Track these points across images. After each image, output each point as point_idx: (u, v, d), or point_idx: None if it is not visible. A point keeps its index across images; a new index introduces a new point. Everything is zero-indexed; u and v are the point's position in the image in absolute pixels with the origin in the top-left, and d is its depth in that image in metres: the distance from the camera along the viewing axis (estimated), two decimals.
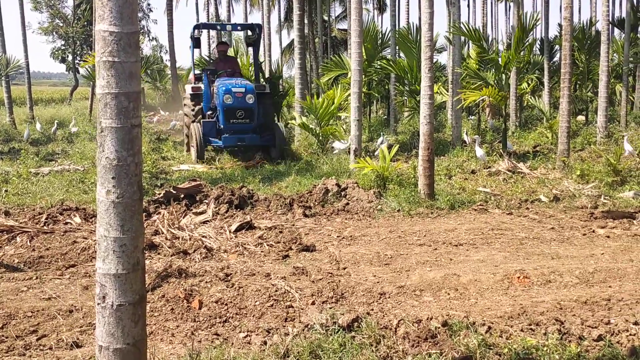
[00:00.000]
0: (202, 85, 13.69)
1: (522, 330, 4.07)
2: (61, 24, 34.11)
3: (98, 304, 2.79)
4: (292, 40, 22.91)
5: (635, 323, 4.14)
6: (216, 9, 33.70)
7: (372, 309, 4.57)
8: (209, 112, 13.42)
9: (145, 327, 2.93)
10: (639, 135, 14.01)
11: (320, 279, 5.29)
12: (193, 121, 13.31)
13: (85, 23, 32.03)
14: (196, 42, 14.22)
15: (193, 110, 13.58)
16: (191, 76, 14.95)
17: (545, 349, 3.69)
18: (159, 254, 6.14)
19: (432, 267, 5.63)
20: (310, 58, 25.06)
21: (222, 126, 12.70)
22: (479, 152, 11.32)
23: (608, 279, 5.25)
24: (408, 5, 21.34)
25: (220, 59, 14.61)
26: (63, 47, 35.78)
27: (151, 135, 16.23)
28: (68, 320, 4.48)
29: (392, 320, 4.19)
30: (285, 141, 13.52)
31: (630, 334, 3.95)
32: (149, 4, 48.34)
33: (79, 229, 6.99)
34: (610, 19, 17.38)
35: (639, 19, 17.78)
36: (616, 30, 22.79)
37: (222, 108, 12.52)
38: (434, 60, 10.61)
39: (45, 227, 7.03)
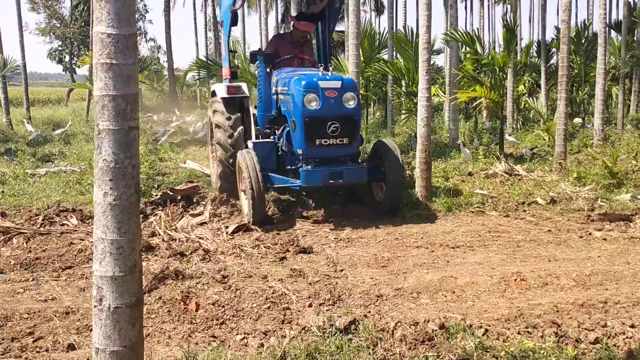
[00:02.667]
0: (242, 85, 8.87)
1: (519, 332, 4.07)
2: (58, 25, 34.07)
3: (95, 306, 2.78)
4: None
5: (632, 326, 4.15)
6: (213, 10, 33.69)
7: (369, 312, 4.57)
8: (266, 129, 8.48)
9: (142, 329, 2.92)
10: (635, 138, 14.03)
11: (317, 281, 5.29)
12: (232, 146, 8.17)
13: (83, 24, 32.02)
14: (233, 18, 8.77)
15: (230, 126, 8.30)
16: (224, 70, 9.35)
17: (542, 351, 3.69)
18: (155, 255, 6.13)
19: (429, 270, 5.63)
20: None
21: (299, 151, 7.27)
22: (465, 152, 11.55)
23: (605, 281, 5.26)
24: (405, 7, 21.38)
25: (287, 40, 9.09)
26: (60, 48, 35.76)
27: (149, 137, 16.16)
28: (64, 322, 4.47)
29: (389, 323, 4.18)
30: (403, 174, 7.89)
31: (627, 337, 3.95)
32: (145, 5, 48.29)
33: (76, 231, 6.98)
34: (607, 22, 17.41)
35: (636, 22, 17.82)
36: (613, 33, 22.86)
37: (300, 118, 7.10)
38: (432, 62, 10.63)
39: (41, 229, 7.01)
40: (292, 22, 9.15)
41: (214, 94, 9.27)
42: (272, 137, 8.30)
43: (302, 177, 7.18)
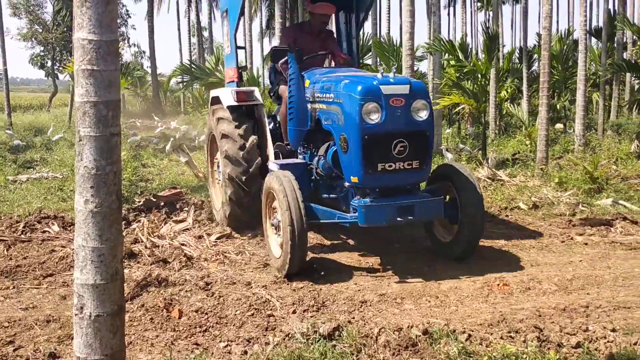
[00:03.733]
0: (255, 91, 7.18)
1: (501, 337, 4.09)
2: (40, 30, 33.82)
3: (75, 314, 2.75)
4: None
5: (613, 330, 4.18)
6: (197, 15, 33.67)
7: (354, 317, 4.56)
8: (300, 147, 6.66)
9: (124, 337, 2.89)
10: (615, 143, 14.20)
11: (301, 287, 5.28)
12: (245, 160, 6.75)
13: (65, 29, 31.80)
14: (242, 6, 7.13)
15: (241, 136, 6.85)
16: (230, 70, 7.63)
17: (524, 356, 3.71)
18: (138, 262, 6.09)
19: (413, 275, 5.65)
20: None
21: (353, 179, 5.52)
22: (448, 157, 11.66)
23: (586, 285, 5.31)
24: (389, 13, 21.49)
25: (305, 31, 7.37)
26: (42, 54, 35.48)
27: (131, 143, 16.06)
28: (45, 331, 4.42)
29: (373, 329, 4.19)
30: (483, 207, 6.01)
31: (608, 341, 3.99)
32: (127, 10, 48.07)
33: (57, 238, 6.92)
34: (588, 29, 17.64)
35: (616, 29, 18.05)
36: (593, 40, 23.16)
37: (356, 136, 5.39)
38: (415, 68, 10.70)
39: (22, 236, 6.94)
40: (307, 8, 7.51)
41: (215, 101, 7.56)
42: (300, 156, 6.66)
43: (361, 214, 5.35)
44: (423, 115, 5.50)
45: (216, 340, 4.24)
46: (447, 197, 5.99)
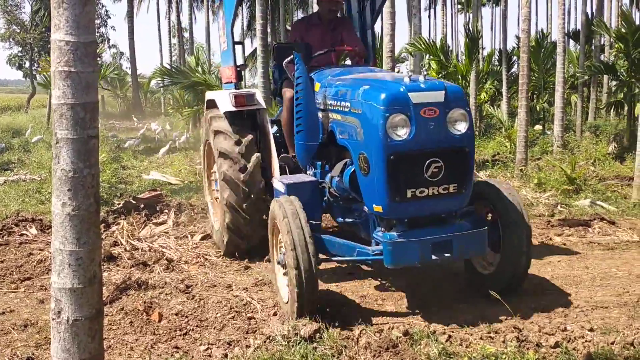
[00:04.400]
0: (256, 93, 6.26)
1: (481, 338, 4.12)
2: (18, 31, 33.40)
3: (53, 319, 2.72)
4: (255, 49, 22.92)
5: (591, 329, 4.23)
6: (178, 16, 33.47)
7: (335, 319, 4.56)
8: (315, 165, 5.63)
9: (103, 341, 2.87)
10: (593, 144, 14.37)
11: None
12: (246, 185, 5.89)
13: (44, 30, 31.44)
14: None
15: (242, 155, 5.96)
16: (227, 70, 6.63)
17: (504, 356, 3.74)
18: (117, 265, 6.03)
19: (394, 276, 5.66)
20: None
21: (377, 208, 4.49)
22: None
23: (564, 285, 5.36)
24: None
25: (313, 23, 6.45)
26: (20, 54, 35.05)
27: (111, 144, 15.92)
28: (22, 335, 4.37)
29: (354, 330, 4.19)
30: (530, 234, 4.99)
31: (586, 340, 4.03)
32: (107, 11, 47.72)
33: (35, 241, 6.84)
34: (566, 31, 17.85)
35: (594, 31, 18.29)
36: (571, 43, 23.43)
37: (380, 155, 4.35)
38: (396, 70, 10.76)
39: None
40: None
41: (210, 104, 6.60)
42: (310, 171, 5.64)
43: (388, 253, 4.36)
44: (462, 127, 4.42)
45: (196, 343, 4.22)
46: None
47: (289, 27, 18.83)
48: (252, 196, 5.88)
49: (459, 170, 4.46)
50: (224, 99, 6.17)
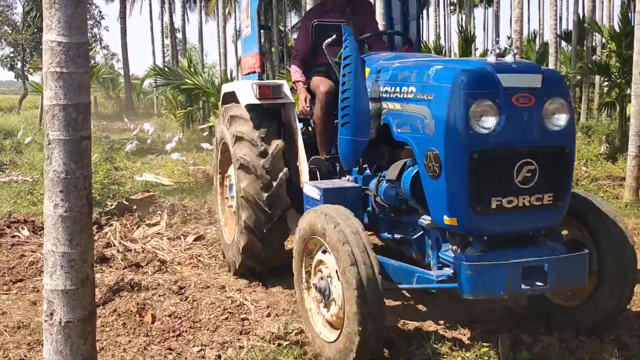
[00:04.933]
0: (283, 85, 5.31)
1: (474, 338, 4.12)
2: (10, 31, 33.28)
3: (45, 321, 2.72)
4: None
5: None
6: (171, 17, 33.45)
7: None
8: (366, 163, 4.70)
9: (95, 343, 2.86)
10: (585, 145, 14.43)
11: (276, 291, 5.26)
12: (267, 171, 5.02)
13: (36, 30, 31.35)
14: None
15: (262, 139, 5.12)
16: (250, 58, 5.74)
17: (497, 356, 3.75)
18: (110, 267, 6.01)
19: None
20: (266, 68, 25.07)
21: (449, 220, 3.51)
22: None
23: None
24: None
25: (328, 9, 5.69)
26: (12, 55, 34.93)
27: (104, 146, 15.87)
28: (15, 337, 4.34)
29: None
30: (636, 260, 3.96)
31: (580, 340, 4.04)
32: (100, 11, 47.64)
33: (27, 242, 6.80)
34: (558, 32, 17.94)
35: (585, 32, 18.40)
36: (563, 43, 23.54)
37: (458, 152, 3.42)
38: None
39: None
40: None
41: (228, 98, 5.78)
42: (348, 175, 4.74)
43: (468, 280, 3.44)
44: (562, 121, 3.56)
45: (190, 344, 4.20)
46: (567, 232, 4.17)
47: (282, 28, 18.85)
48: (275, 219, 5.03)
49: (557, 176, 3.57)
50: (246, 90, 5.27)
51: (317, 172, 4.98)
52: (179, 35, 36.60)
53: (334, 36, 4.65)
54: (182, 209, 8.14)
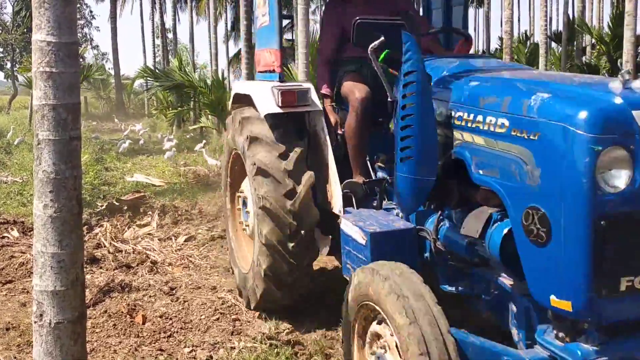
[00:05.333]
0: (310, 89, 4.38)
1: None
2: (0, 32, 33.09)
3: (35, 322, 2.70)
4: (240, 50, 22.93)
5: None
6: (161, 17, 33.35)
7: (321, 319, 4.56)
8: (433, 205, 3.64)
9: (86, 344, 2.84)
10: None
11: None
12: (295, 216, 4.12)
13: (25, 30, 31.20)
14: None
15: (289, 173, 4.17)
16: (268, 53, 4.68)
17: None
18: (101, 267, 5.99)
19: None
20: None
21: (557, 302, 2.53)
22: None
23: None
24: None
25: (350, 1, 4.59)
26: (1, 55, 34.73)
27: (94, 146, 15.79)
28: (5, 339, 4.32)
29: (339, 331, 4.18)
30: None
31: None
32: (91, 11, 47.44)
33: (17, 243, 6.76)
34: (548, 33, 18.02)
35: (575, 32, 18.50)
36: (554, 44, 23.66)
37: (583, 220, 2.41)
38: None
39: None
40: None
41: (239, 99, 5.01)
42: (398, 210, 3.84)
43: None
44: None
45: (181, 345, 4.20)
46: None
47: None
48: (303, 233, 4.14)
49: None
50: (264, 95, 4.39)
51: (353, 198, 4.11)
52: (170, 35, 36.54)
53: (382, 39, 3.64)
54: (173, 209, 8.12)
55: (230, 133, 4.94)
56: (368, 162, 4.40)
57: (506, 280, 3.07)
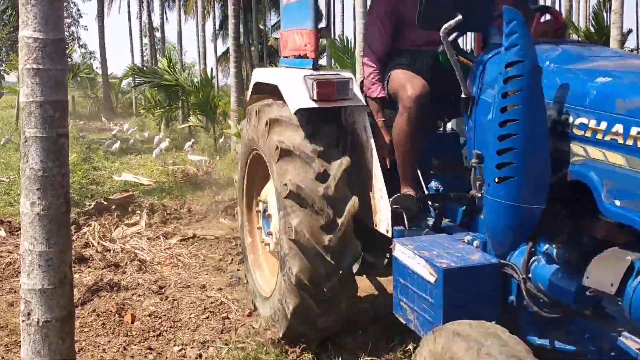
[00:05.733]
0: (353, 80, 3.65)
1: None
2: None
3: (23, 321, 2.68)
4: (228, 49, 22.89)
5: None
6: (149, 16, 33.21)
7: None
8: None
9: (74, 343, 2.83)
10: None
11: None
12: (330, 203, 3.45)
13: (12, 29, 30.95)
14: None
15: (321, 155, 3.52)
16: (299, 35, 3.89)
17: None
18: (89, 267, 5.95)
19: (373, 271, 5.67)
20: (246, 67, 24.96)
21: None
22: None
23: None
24: (343, 15, 21.65)
25: None
26: None
27: (82, 145, 15.69)
28: None
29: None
30: None
31: None
32: (78, 10, 47.11)
33: (4, 243, 6.70)
34: None
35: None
36: None
37: None
38: None
39: None
40: None
41: (259, 88, 4.34)
42: (469, 236, 3.07)
43: None
44: None
45: (170, 344, 4.18)
46: None
47: (262, 27, 18.80)
48: (341, 273, 3.51)
49: None
50: (295, 85, 3.64)
51: (404, 214, 3.40)
52: (158, 34, 36.36)
53: (459, 17, 2.89)
54: (161, 208, 8.09)
55: (249, 130, 4.21)
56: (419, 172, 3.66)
57: (632, 343, 2.32)
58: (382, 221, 3.46)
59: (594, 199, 2.28)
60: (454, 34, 3.00)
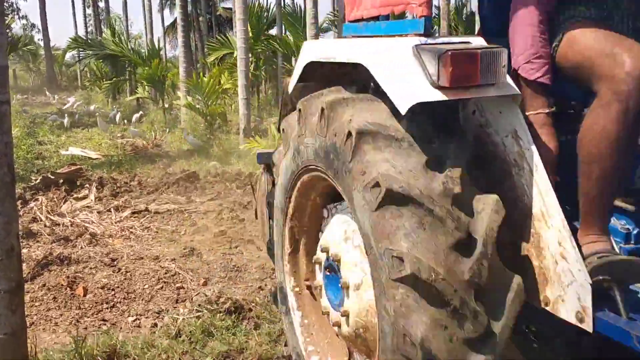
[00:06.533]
0: (504, 52, 1.86)
1: None
2: None
3: None
4: (175, 19, 22.36)
5: None
6: None
7: (265, 284, 4.59)
8: None
9: (25, 316, 2.78)
10: None
11: (212, 260, 5.24)
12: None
13: None
14: None
15: (469, 236, 1.83)
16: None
17: None
18: (38, 241, 5.82)
19: None
20: (195, 37, 24.51)
21: None
22: None
23: None
24: None
25: None
26: None
27: (25, 120, 15.20)
28: None
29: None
30: None
31: None
32: None
33: None
34: None
35: None
36: None
37: None
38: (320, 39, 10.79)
39: None
40: None
41: (309, 73, 2.75)
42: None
43: None
44: None
45: (124, 315, 4.15)
46: None
47: None
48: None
49: None
50: (400, 63, 2.06)
51: (615, 291, 1.95)
52: (102, 4, 35.27)
53: None
54: (111, 182, 7.95)
55: (304, 136, 2.52)
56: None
57: None
58: (568, 302, 1.94)
59: None
60: None
